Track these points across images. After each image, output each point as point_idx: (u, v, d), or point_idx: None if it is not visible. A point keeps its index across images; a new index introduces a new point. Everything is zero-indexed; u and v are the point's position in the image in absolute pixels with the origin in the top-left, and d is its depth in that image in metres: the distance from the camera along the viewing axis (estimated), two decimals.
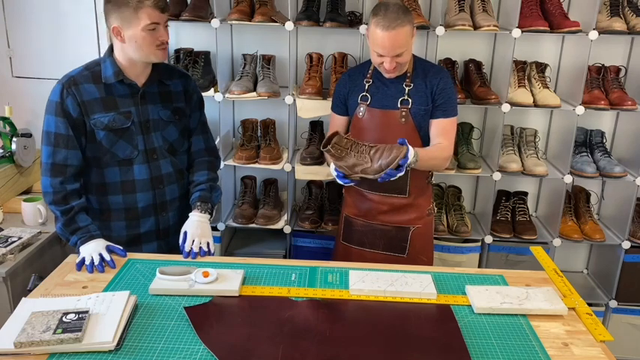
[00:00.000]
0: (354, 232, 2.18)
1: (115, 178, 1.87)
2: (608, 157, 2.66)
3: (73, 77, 1.80)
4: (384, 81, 2.06)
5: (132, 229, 1.93)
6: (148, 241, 1.96)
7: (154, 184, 1.91)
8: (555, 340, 1.44)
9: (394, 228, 2.12)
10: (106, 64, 1.82)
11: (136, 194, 1.89)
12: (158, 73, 1.89)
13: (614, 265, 2.74)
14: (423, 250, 2.16)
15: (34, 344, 1.30)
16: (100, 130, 1.81)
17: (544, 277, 1.76)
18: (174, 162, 1.96)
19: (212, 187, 1.99)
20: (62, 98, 1.77)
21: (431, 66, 2.13)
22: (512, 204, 2.81)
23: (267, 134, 2.72)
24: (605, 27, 2.45)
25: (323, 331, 1.41)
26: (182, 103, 1.96)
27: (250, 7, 2.57)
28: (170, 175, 1.94)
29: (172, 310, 1.50)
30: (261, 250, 2.80)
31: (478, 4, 2.53)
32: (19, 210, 2.39)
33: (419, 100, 2.03)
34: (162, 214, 1.95)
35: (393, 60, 1.93)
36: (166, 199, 1.95)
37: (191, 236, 1.85)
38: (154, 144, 1.89)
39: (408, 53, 1.97)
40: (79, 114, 1.79)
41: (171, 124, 1.93)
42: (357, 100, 2.08)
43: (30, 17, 2.80)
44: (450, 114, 2.05)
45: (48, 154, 1.79)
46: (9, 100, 2.75)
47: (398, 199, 2.09)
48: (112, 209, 1.90)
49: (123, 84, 1.82)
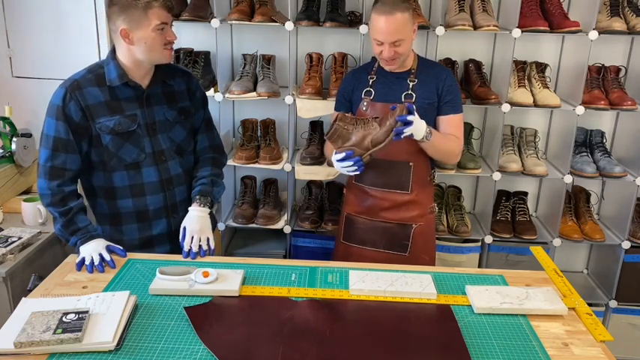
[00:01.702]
0: (356, 230, 2.17)
1: (123, 182, 1.85)
2: (608, 157, 2.66)
3: (77, 81, 1.78)
4: (388, 77, 2.06)
5: (144, 232, 1.92)
6: (161, 243, 1.95)
7: (164, 187, 1.90)
8: (555, 340, 1.44)
9: (396, 225, 2.12)
10: (109, 66, 1.80)
11: (146, 197, 1.88)
12: (161, 73, 1.88)
13: (614, 265, 2.74)
14: (425, 248, 2.16)
15: (34, 344, 1.30)
16: (106, 134, 1.79)
17: (544, 277, 1.76)
18: (183, 162, 1.95)
19: (213, 182, 1.97)
20: (65, 102, 1.75)
21: (434, 64, 2.16)
22: (512, 204, 2.81)
23: (267, 134, 2.72)
24: (605, 27, 2.45)
25: (323, 331, 1.41)
26: (187, 102, 1.95)
27: (250, 7, 2.57)
28: (179, 177, 1.94)
29: (172, 310, 1.50)
30: (261, 250, 2.80)
31: (478, 4, 2.53)
32: (19, 210, 2.39)
33: (423, 94, 2.03)
34: (174, 216, 1.94)
35: (391, 48, 1.94)
36: (177, 201, 1.94)
37: (190, 232, 1.84)
38: (161, 146, 1.88)
39: (407, 44, 1.97)
40: (82, 119, 1.77)
41: (178, 125, 1.92)
42: (360, 96, 2.09)
43: (30, 17, 2.80)
44: (458, 110, 2.07)
45: (46, 157, 1.78)
46: (9, 100, 2.74)
47: (400, 195, 2.09)
48: (123, 212, 1.89)
49: (127, 86, 1.81)
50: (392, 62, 1.99)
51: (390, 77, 2.06)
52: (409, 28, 1.94)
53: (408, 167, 2.05)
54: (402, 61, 2.01)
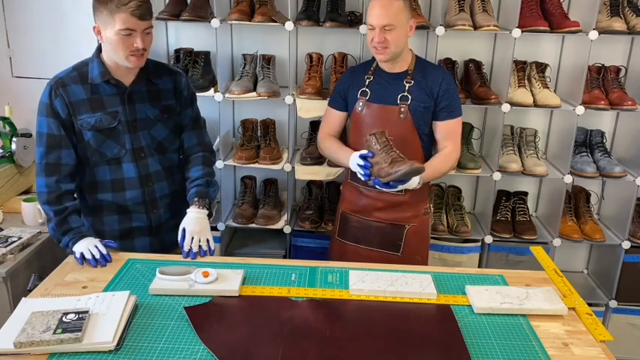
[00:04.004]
0: (350, 228, 2.19)
1: (105, 176, 1.88)
2: (608, 157, 2.66)
3: (61, 79, 1.81)
4: (385, 77, 2.07)
5: (124, 223, 1.94)
6: (141, 235, 1.97)
7: (143, 182, 1.91)
8: (555, 340, 1.44)
9: (389, 225, 2.13)
10: (93, 64, 1.83)
11: (125, 192, 1.90)
12: (146, 72, 1.88)
13: (614, 265, 2.74)
14: (418, 249, 2.16)
15: (34, 344, 1.30)
16: (87, 130, 1.82)
17: (544, 277, 1.76)
18: (163, 160, 1.96)
19: (209, 182, 1.98)
20: (51, 99, 1.79)
21: (433, 66, 2.15)
22: (512, 204, 2.81)
23: (267, 134, 2.72)
24: (605, 27, 2.45)
25: (323, 331, 1.41)
26: (172, 100, 1.95)
27: (250, 7, 2.57)
28: (159, 173, 1.95)
29: (172, 310, 1.50)
30: (261, 250, 2.79)
31: (478, 4, 2.53)
32: (19, 210, 2.39)
33: (419, 97, 2.03)
34: (154, 211, 1.96)
35: (382, 33, 1.95)
36: (156, 197, 1.95)
37: (190, 234, 1.84)
38: (141, 143, 1.89)
39: (399, 35, 1.97)
40: (68, 115, 1.80)
41: (159, 123, 1.93)
42: (356, 95, 2.09)
43: (30, 17, 2.80)
44: (455, 114, 2.07)
45: (41, 154, 1.81)
46: (9, 100, 2.74)
47: (394, 196, 2.10)
48: (104, 205, 1.92)
49: (109, 84, 1.83)
50: (383, 51, 1.99)
51: (386, 78, 2.07)
52: (403, 18, 1.95)
53: None
54: (393, 53, 2.00)
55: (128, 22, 1.70)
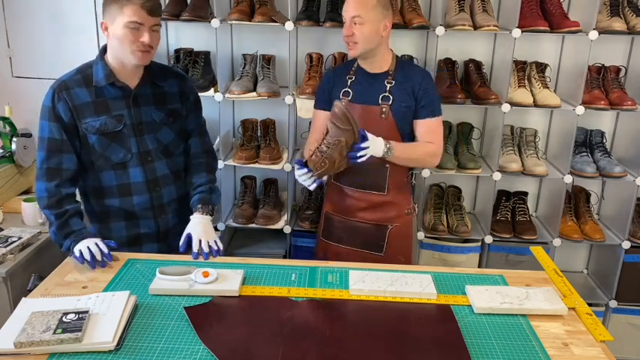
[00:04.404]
0: (334, 228, 2.19)
1: (110, 181, 1.86)
2: (608, 157, 2.66)
3: (65, 82, 1.80)
4: (366, 77, 2.07)
5: (132, 230, 1.93)
6: (148, 242, 1.96)
7: (150, 187, 1.90)
8: (555, 340, 1.44)
9: (372, 226, 2.13)
10: (97, 66, 1.81)
11: (133, 197, 1.89)
12: (151, 74, 1.88)
13: (614, 265, 2.74)
14: (401, 249, 2.16)
15: (34, 344, 1.30)
16: (92, 134, 1.81)
17: (544, 277, 1.76)
18: (170, 164, 1.95)
19: (211, 189, 1.98)
20: (54, 103, 1.78)
21: (413, 66, 2.18)
22: (512, 204, 2.81)
23: (267, 134, 2.72)
24: (605, 27, 2.45)
25: (323, 331, 1.41)
26: (177, 104, 1.95)
27: (250, 7, 2.57)
28: (166, 177, 1.94)
29: (172, 310, 1.50)
30: (261, 250, 2.79)
31: (478, 4, 2.53)
32: (19, 210, 2.39)
33: (400, 97, 2.04)
34: (162, 216, 1.95)
35: (351, 24, 1.96)
36: (164, 202, 1.94)
37: (197, 237, 1.84)
38: (147, 146, 1.88)
39: (369, 30, 1.96)
40: (71, 118, 1.79)
41: (165, 126, 1.92)
42: (339, 96, 2.09)
43: (30, 17, 2.81)
44: (435, 113, 2.07)
45: (42, 159, 1.80)
46: (9, 100, 2.74)
47: (377, 196, 2.10)
48: (110, 211, 1.90)
49: (114, 87, 1.81)
50: (352, 46, 1.99)
51: (368, 78, 2.07)
52: (375, 14, 1.95)
53: (385, 169, 2.06)
54: (363, 50, 1.99)
55: (137, 14, 1.70)
